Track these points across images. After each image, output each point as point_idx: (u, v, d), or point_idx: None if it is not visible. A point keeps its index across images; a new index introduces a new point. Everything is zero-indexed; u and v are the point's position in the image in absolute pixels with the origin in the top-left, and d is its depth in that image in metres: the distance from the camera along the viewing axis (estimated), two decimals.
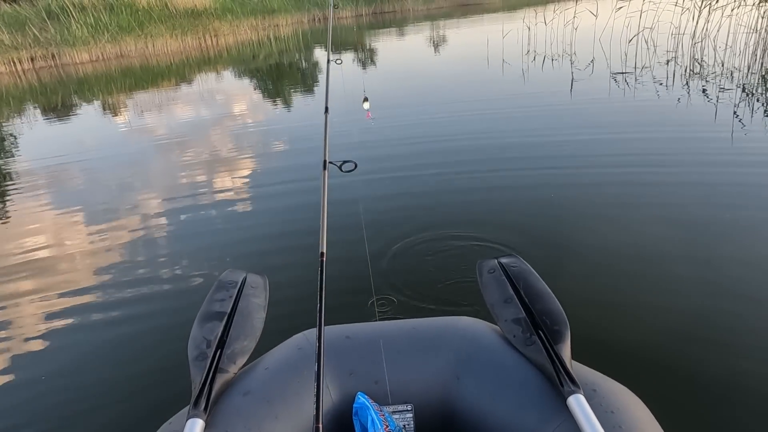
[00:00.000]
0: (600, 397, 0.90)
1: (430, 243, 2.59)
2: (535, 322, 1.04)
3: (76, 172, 4.73)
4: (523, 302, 1.10)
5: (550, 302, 1.08)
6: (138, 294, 2.52)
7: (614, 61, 6.71)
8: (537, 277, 1.18)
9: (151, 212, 3.55)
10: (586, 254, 2.37)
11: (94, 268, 2.83)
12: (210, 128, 5.82)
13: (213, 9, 18.40)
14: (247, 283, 1.25)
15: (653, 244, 2.42)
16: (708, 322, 1.83)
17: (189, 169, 4.42)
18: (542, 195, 3.13)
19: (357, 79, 7.70)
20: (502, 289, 1.16)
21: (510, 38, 8.75)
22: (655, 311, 1.92)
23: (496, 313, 1.11)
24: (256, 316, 1.15)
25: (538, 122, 4.69)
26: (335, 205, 2.73)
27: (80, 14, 14.39)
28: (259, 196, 3.67)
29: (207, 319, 1.10)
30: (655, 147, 3.78)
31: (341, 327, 1.14)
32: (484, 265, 1.27)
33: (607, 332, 1.79)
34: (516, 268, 1.21)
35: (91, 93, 9.29)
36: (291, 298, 2.13)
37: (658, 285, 2.09)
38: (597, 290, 2.08)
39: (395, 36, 15.05)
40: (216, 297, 1.18)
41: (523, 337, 1.02)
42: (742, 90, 4.93)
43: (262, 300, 1.22)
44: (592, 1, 8.38)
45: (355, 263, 2.24)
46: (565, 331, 1.00)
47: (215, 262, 2.74)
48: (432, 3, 24.86)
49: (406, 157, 4.11)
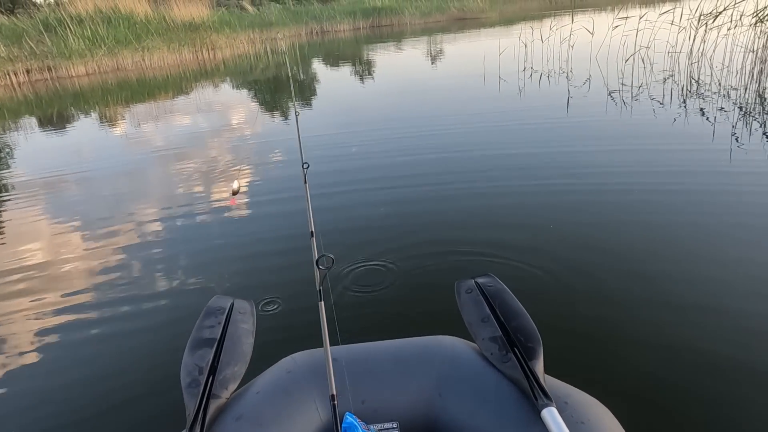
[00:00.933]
0: (571, 409, 0.96)
1: (418, 259, 2.63)
2: (510, 339, 1.09)
3: (67, 184, 4.69)
4: (499, 321, 1.15)
5: (524, 320, 1.14)
6: (123, 313, 2.47)
7: (611, 79, 6.71)
8: (512, 296, 1.24)
9: (143, 227, 3.52)
10: (561, 271, 2.43)
11: (82, 284, 2.80)
12: (204, 141, 5.77)
13: (211, 22, 18.48)
14: (235, 308, 1.29)
15: (629, 261, 2.48)
16: (675, 335, 1.91)
17: (179, 182, 4.38)
18: (529, 210, 3.17)
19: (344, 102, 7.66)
20: (479, 309, 1.22)
21: (506, 55, 8.76)
22: (624, 326, 1.99)
23: (474, 331, 1.16)
24: (245, 342, 1.18)
25: (533, 138, 4.66)
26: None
27: (77, 27, 14.42)
28: (245, 214, 3.62)
29: (198, 347, 1.13)
30: (652, 167, 3.75)
31: (330, 349, 1.16)
32: (462, 286, 1.33)
33: (579, 347, 1.86)
34: (492, 288, 1.27)
35: (87, 106, 9.27)
36: (278, 321, 2.17)
37: (629, 301, 2.16)
38: (568, 306, 2.14)
39: (392, 50, 15.10)
40: (205, 324, 1.20)
41: (500, 354, 1.07)
42: (740, 109, 4.91)
43: (250, 325, 1.25)
44: (588, 18, 8.42)
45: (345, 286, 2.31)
46: (539, 348, 1.06)
47: (203, 279, 2.72)
48: (429, 17, 25.05)
49: (395, 172, 4.10)
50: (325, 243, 2.95)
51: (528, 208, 3.22)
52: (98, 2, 16.98)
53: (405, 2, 26.00)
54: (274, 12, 23.84)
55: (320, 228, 3.28)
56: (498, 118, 5.54)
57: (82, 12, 15.80)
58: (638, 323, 1.99)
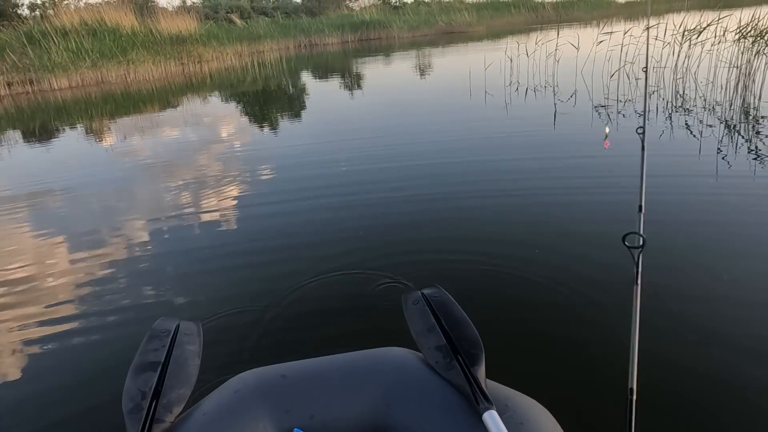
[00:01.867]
0: (511, 411, 1.00)
1: (370, 271, 2.65)
2: (454, 347, 1.13)
3: (43, 198, 4.55)
4: (443, 330, 1.19)
5: (468, 328, 1.18)
6: (68, 332, 2.39)
7: (596, 93, 6.71)
8: (456, 306, 1.28)
9: (100, 243, 3.42)
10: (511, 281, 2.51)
11: (47, 300, 2.71)
12: (184, 154, 5.63)
13: (198, 35, 18.41)
14: (181, 330, 1.27)
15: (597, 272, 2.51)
16: (609, 336, 1.99)
17: (149, 197, 4.23)
18: (492, 223, 3.21)
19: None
20: (425, 319, 1.25)
21: (493, 69, 8.77)
22: (560, 329, 2.09)
23: (420, 341, 1.19)
24: (191, 364, 1.17)
25: (518, 150, 4.65)
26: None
27: (62, 40, 14.26)
28: (206, 228, 3.56)
29: (140, 371, 1.11)
30: (636, 182, 3.75)
31: (277, 366, 1.17)
32: (409, 297, 1.36)
33: (519, 351, 1.96)
34: (437, 299, 1.31)
35: (70, 119, 9.12)
36: (228, 341, 2.15)
37: (569, 308, 2.24)
38: (511, 312, 2.24)
39: (380, 63, 15.13)
40: (149, 347, 1.19)
41: (444, 362, 1.10)
42: (725, 125, 4.89)
43: (196, 347, 1.24)
44: (573, 33, 8.47)
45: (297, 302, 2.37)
46: (481, 354, 1.10)
47: (153, 297, 2.65)
48: (417, 30, 25.24)
49: (374, 187, 4.06)
50: (280, 256, 3.01)
51: (495, 220, 3.26)
52: (84, 15, 16.87)
53: (393, 16, 26.21)
54: (262, 25, 23.86)
55: (270, 242, 3.19)
56: (484, 131, 5.50)
57: (68, 24, 15.67)
58: (573, 327, 2.09)
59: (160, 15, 18.97)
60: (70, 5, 23.02)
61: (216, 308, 2.43)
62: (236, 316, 2.35)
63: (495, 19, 27.53)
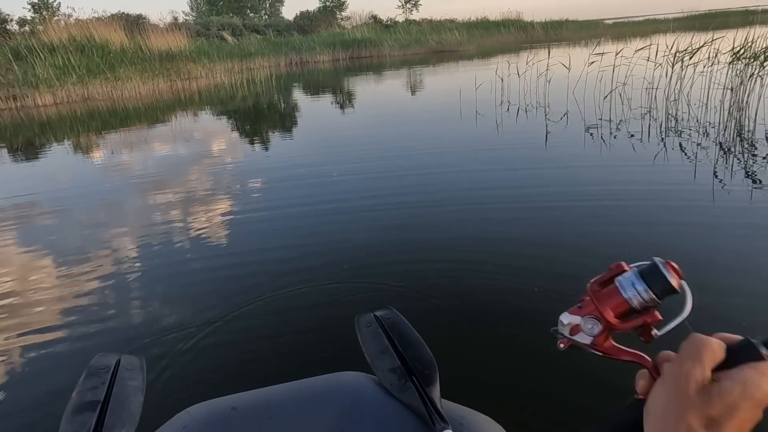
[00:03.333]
0: (466, 430, 1.00)
1: (322, 294, 2.64)
2: (408, 368, 1.13)
3: (15, 215, 4.32)
4: (397, 351, 1.19)
5: (421, 349, 1.18)
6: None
7: (588, 114, 6.64)
8: (409, 327, 1.27)
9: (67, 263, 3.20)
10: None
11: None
12: (167, 171, 5.45)
13: (188, 52, 18.34)
14: (122, 366, 1.21)
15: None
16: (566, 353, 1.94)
17: (119, 216, 4.04)
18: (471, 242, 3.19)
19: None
20: (378, 341, 1.24)
21: (483, 88, 8.70)
22: (511, 346, 2.16)
23: (374, 364, 1.18)
24: (134, 401, 1.11)
25: (509, 173, 4.53)
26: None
27: (49, 55, 14.09)
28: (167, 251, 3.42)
29: (78, 411, 1.05)
30: (634, 205, 3.64)
31: (227, 398, 1.12)
32: (362, 320, 1.34)
33: (473, 369, 1.98)
34: (390, 320, 1.30)
35: (54, 136, 8.94)
36: (171, 374, 2.06)
37: (523, 324, 2.29)
38: (463, 331, 2.28)
39: (371, 82, 15.10)
40: (86, 386, 1.13)
41: (399, 384, 1.10)
42: (720, 148, 4.81)
43: (139, 382, 1.18)
44: (564, 53, 8.46)
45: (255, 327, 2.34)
46: (434, 374, 1.11)
47: (94, 328, 2.54)
48: (408, 49, 25.39)
49: (362, 211, 3.93)
50: (224, 278, 2.97)
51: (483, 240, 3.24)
52: (73, 31, 16.77)
53: (384, 34, 26.37)
54: (253, 42, 23.89)
55: (214, 263, 3.12)
56: (474, 152, 5.39)
57: (56, 40, 15.52)
58: (527, 342, 2.13)
59: (151, 32, 18.92)
60: (61, 21, 23.00)
61: (159, 339, 2.32)
62: (180, 347, 2.24)
63: (485, 38, 27.80)
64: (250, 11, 39.10)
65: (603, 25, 34.37)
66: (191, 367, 2.10)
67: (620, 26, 34.11)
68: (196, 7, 38.77)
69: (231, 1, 37.53)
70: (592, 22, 35.07)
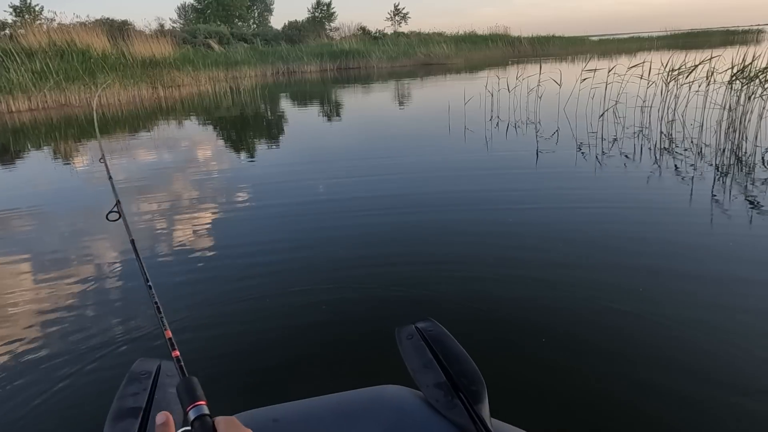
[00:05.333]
0: None
1: (359, 304, 2.62)
2: (454, 384, 1.09)
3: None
4: (442, 366, 1.15)
5: (467, 363, 1.14)
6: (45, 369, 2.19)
7: (580, 132, 6.49)
8: (452, 340, 1.23)
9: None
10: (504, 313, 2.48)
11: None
12: (143, 178, 5.14)
13: (172, 59, 18.02)
14: (162, 371, 1.19)
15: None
16: (617, 369, 1.99)
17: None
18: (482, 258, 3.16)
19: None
20: (421, 355, 1.20)
21: (473, 103, 8.54)
22: (565, 363, 2.04)
23: (418, 379, 1.15)
24: (174, 409, 1.07)
25: (498, 191, 4.38)
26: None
27: (26, 60, 13.68)
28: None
29: (120, 418, 1.04)
30: (627, 230, 3.47)
31: (268, 409, 1.10)
32: (402, 332, 1.30)
33: (521, 387, 1.89)
34: (432, 332, 1.26)
35: (29, 143, 8.61)
36: (210, 382, 2.01)
37: (571, 339, 2.21)
38: (508, 346, 2.19)
39: (359, 94, 14.92)
40: (128, 392, 1.11)
41: (446, 400, 1.06)
42: (716, 169, 4.65)
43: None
44: (555, 69, 8.34)
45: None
46: (483, 391, 1.06)
47: (136, 332, 2.48)
48: (396, 61, 25.36)
49: (359, 222, 3.81)
50: (261, 288, 2.89)
51: (487, 256, 3.19)
52: (54, 36, 16.37)
53: (372, 46, 26.33)
54: (240, 51, 23.64)
55: (252, 274, 3.06)
56: (463, 169, 5.20)
57: (35, 45, 15.11)
58: (576, 358, 2.05)
59: (135, 38, 18.58)
60: (43, 25, 22.54)
61: (196, 346, 2.30)
62: (218, 354, 2.23)
63: (473, 52, 27.89)
64: (239, 20, 38.90)
65: (589, 42, 34.77)
66: (228, 376, 2.08)
67: (606, 43, 34.54)
68: (184, 14, 38.53)
69: (219, 9, 37.33)
70: (578, 39, 35.47)
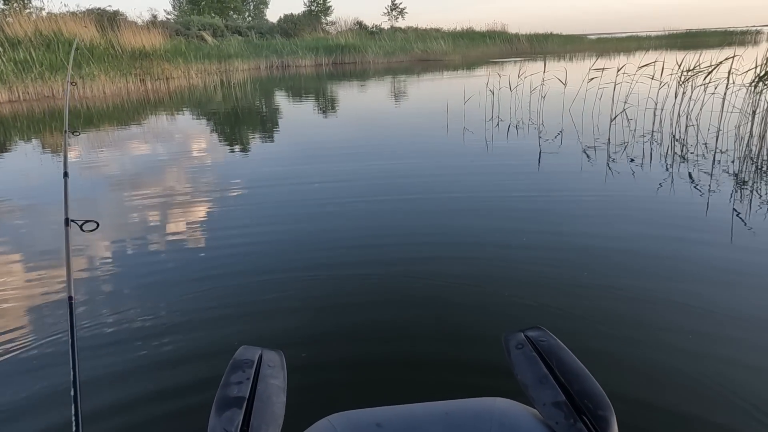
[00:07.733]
0: None
1: (458, 308, 2.54)
2: (576, 406, 0.94)
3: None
4: (560, 383, 1.01)
5: (589, 383, 0.99)
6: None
7: (586, 135, 6.16)
8: (569, 353, 1.07)
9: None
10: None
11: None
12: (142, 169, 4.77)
13: (163, 51, 17.57)
14: (264, 361, 1.11)
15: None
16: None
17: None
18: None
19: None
20: (535, 368, 1.07)
21: (472, 102, 8.20)
22: (703, 381, 1.88)
23: (532, 395, 1.01)
24: (277, 401, 1.02)
25: (501, 200, 4.08)
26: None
27: (10, 49, 13.21)
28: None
29: (225, 407, 0.97)
30: (639, 248, 3.13)
31: (370, 411, 0.98)
32: (511, 339, 1.16)
33: (648, 411, 1.72)
34: (545, 343, 1.12)
35: (10, 135, 8.22)
36: (308, 377, 2.00)
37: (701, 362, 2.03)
38: (633, 366, 1.99)
39: (354, 90, 14.56)
40: (232, 380, 1.04)
41: (567, 423, 0.92)
42: (735, 178, 4.33)
43: (280, 381, 1.08)
44: (557, 64, 8.00)
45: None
46: (611, 417, 0.92)
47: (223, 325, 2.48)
48: (392, 57, 25.01)
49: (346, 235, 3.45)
50: (361, 284, 2.84)
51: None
52: (40, 25, 15.89)
53: (369, 41, 25.94)
54: (233, 44, 23.18)
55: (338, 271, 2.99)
56: (463, 175, 4.87)
57: (20, 34, 14.63)
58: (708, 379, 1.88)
59: (126, 29, 18.10)
60: (32, 14, 21.97)
61: (296, 337, 2.30)
62: (318, 349, 2.21)
63: (470, 48, 27.57)
64: (233, 12, 38.34)
65: (587, 40, 34.53)
66: (328, 373, 2.05)
67: (604, 42, 34.31)
68: (178, 5, 37.90)
69: (214, 1, 36.76)
70: (576, 37, 35.24)
